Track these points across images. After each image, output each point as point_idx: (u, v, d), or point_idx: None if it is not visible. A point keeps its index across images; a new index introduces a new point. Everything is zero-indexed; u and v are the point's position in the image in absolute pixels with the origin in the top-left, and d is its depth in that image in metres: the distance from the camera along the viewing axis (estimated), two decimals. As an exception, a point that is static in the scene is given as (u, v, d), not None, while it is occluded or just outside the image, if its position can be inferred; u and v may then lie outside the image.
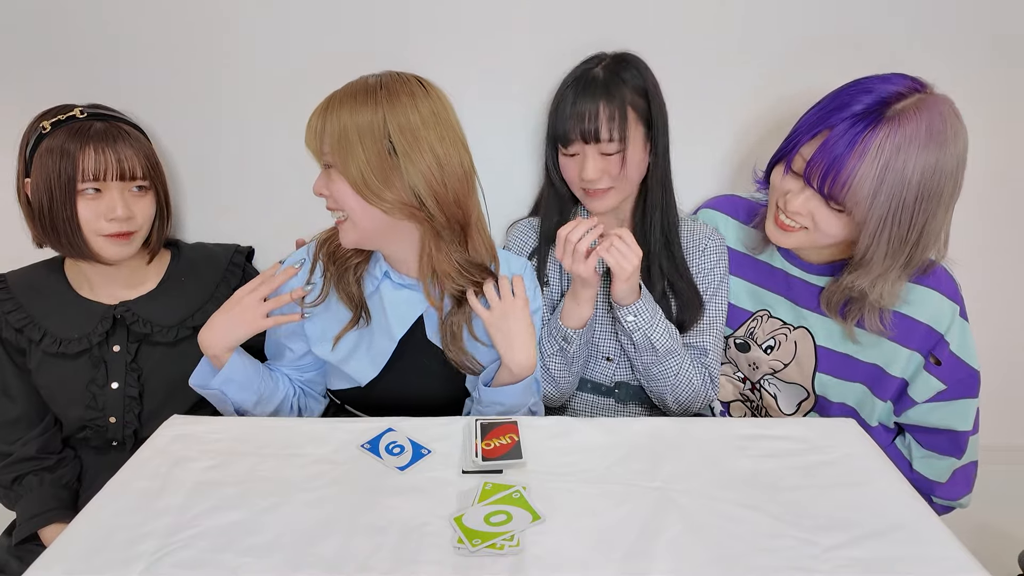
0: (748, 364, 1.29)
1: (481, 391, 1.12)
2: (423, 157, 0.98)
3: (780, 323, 1.24)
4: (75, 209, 1.13)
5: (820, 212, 1.04)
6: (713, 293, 1.25)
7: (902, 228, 0.98)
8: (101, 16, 1.29)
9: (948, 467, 1.21)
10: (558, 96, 1.19)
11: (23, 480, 1.22)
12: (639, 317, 1.16)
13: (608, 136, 1.13)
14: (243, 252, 1.39)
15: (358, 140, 0.96)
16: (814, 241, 1.09)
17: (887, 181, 0.95)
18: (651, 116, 1.16)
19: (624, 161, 1.14)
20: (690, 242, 1.26)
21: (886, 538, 0.79)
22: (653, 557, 0.76)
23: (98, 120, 1.16)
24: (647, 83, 1.16)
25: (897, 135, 0.94)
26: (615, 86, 1.13)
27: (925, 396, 1.16)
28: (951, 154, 0.96)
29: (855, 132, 0.96)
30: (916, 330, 1.13)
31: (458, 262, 1.07)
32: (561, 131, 1.17)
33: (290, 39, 1.31)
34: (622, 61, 1.17)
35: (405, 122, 0.97)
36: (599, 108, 1.12)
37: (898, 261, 1.02)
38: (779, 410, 1.28)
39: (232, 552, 0.77)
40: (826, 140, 0.98)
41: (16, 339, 1.22)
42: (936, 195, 0.97)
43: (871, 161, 0.95)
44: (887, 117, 0.95)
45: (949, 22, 1.30)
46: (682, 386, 1.21)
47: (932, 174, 0.96)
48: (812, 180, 1.01)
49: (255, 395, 1.13)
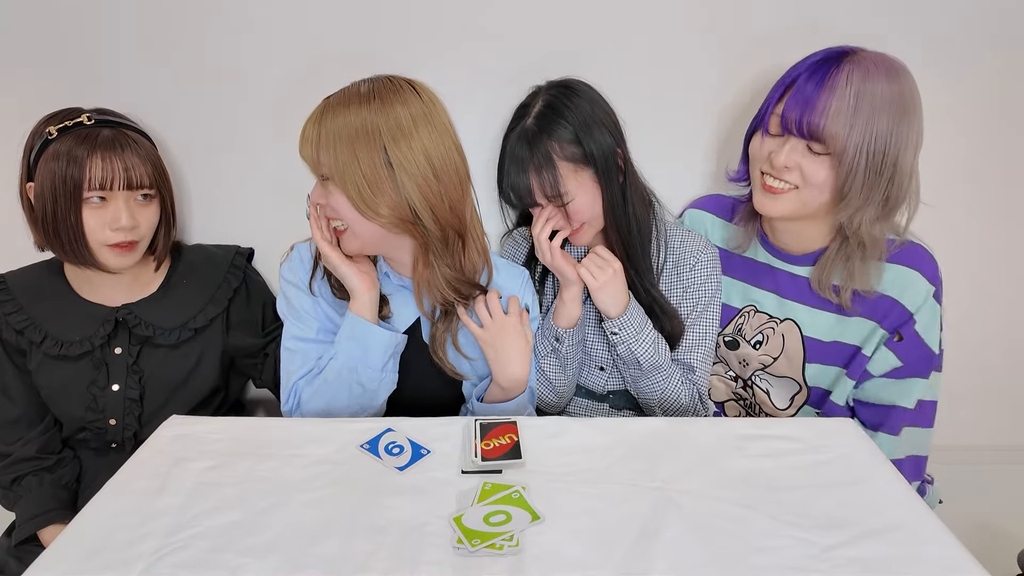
0: (738, 361, 1.29)
1: (474, 405, 1.15)
2: (416, 163, 0.98)
3: (767, 317, 1.24)
4: (80, 217, 1.13)
5: (805, 161, 1.06)
6: (703, 309, 1.24)
7: (876, 157, 1.02)
8: (103, 19, 1.29)
9: (892, 447, 1.20)
10: (500, 156, 1.18)
11: (22, 481, 1.22)
12: (623, 331, 1.17)
13: (545, 199, 1.14)
14: (244, 254, 1.39)
15: (354, 157, 0.97)
16: (804, 202, 1.09)
17: (861, 109, 1.00)
18: (589, 156, 1.12)
19: (568, 212, 1.14)
20: (681, 256, 1.25)
21: (885, 538, 0.79)
22: (652, 557, 0.76)
23: (105, 127, 1.16)
24: (578, 126, 1.11)
25: (860, 68, 1.00)
26: (541, 149, 1.10)
27: (881, 370, 1.16)
28: (910, 88, 1.03)
29: (821, 73, 1.02)
30: (893, 310, 1.14)
31: (447, 279, 1.07)
32: (506, 199, 1.21)
33: (290, 40, 1.31)
34: (549, 108, 1.12)
35: (399, 132, 0.97)
36: (530, 182, 1.13)
37: (874, 195, 1.04)
38: (773, 405, 1.28)
39: (231, 552, 0.77)
40: (795, 89, 1.04)
41: (16, 340, 1.22)
42: (905, 122, 1.02)
43: (842, 91, 1.00)
44: (847, 58, 1.02)
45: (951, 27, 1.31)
46: (669, 402, 1.21)
47: (900, 100, 1.01)
48: (790, 127, 1.04)
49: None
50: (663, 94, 1.34)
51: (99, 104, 1.22)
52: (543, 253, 1.17)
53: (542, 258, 1.17)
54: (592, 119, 1.12)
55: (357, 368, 1.08)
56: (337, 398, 1.10)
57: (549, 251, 1.16)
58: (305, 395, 1.11)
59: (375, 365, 1.09)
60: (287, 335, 1.16)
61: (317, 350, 1.14)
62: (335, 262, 1.07)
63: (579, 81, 1.17)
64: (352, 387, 1.09)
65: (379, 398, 1.12)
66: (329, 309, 1.16)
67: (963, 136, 1.39)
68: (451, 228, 1.04)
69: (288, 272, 1.17)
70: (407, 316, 1.15)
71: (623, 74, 1.30)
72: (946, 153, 1.36)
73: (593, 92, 1.16)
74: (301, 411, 1.12)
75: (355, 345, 1.08)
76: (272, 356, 1.34)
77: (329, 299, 1.16)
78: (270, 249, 1.41)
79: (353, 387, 1.09)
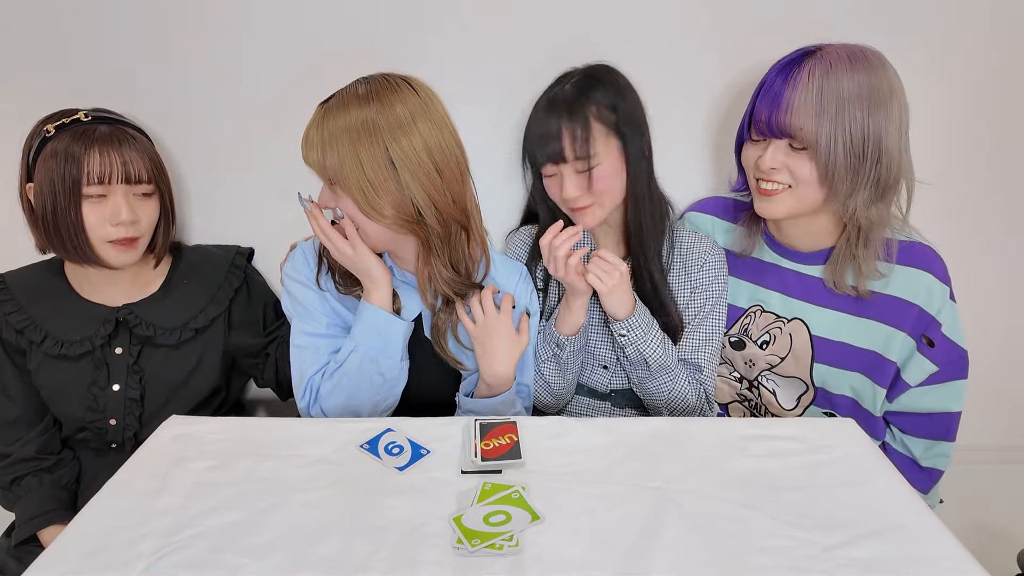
0: (744, 362, 1.29)
1: (460, 400, 1.16)
2: (419, 159, 0.99)
3: (774, 317, 1.24)
4: (80, 213, 1.13)
5: (790, 159, 1.08)
6: (711, 309, 1.25)
7: (856, 141, 1.03)
8: (103, 19, 1.29)
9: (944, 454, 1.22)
10: (529, 119, 1.19)
11: (22, 481, 1.22)
12: (632, 332, 1.17)
13: (573, 155, 1.12)
14: (244, 253, 1.39)
15: (357, 159, 0.98)
16: (800, 200, 1.11)
17: (825, 99, 1.02)
18: (619, 128, 1.14)
19: (592, 177, 1.13)
20: (689, 256, 1.25)
21: (886, 538, 0.79)
22: (652, 557, 0.76)
23: (103, 124, 1.16)
24: (616, 95, 1.14)
25: (822, 63, 1.03)
26: (578, 104, 1.12)
27: (918, 379, 1.17)
28: (882, 76, 1.04)
29: (786, 72, 1.06)
30: (909, 313, 1.14)
31: (444, 278, 1.09)
32: (530, 153, 1.19)
33: (290, 40, 1.31)
34: (590, 76, 1.16)
35: (399, 129, 0.99)
36: (561, 128, 1.12)
37: (861, 178, 1.06)
38: (779, 406, 1.28)
39: (231, 552, 0.77)
40: (763, 91, 1.07)
41: (16, 340, 1.22)
42: (881, 109, 1.03)
43: (805, 86, 1.03)
44: (810, 54, 1.06)
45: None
46: (676, 402, 1.21)
47: (869, 90, 1.02)
48: (763, 128, 1.08)
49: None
50: (662, 94, 1.33)
51: (98, 105, 1.22)
52: (557, 268, 1.13)
53: (552, 270, 1.14)
54: (628, 95, 1.16)
55: (378, 359, 1.09)
56: (359, 390, 1.10)
57: (564, 267, 1.12)
58: (324, 390, 1.12)
59: (395, 355, 1.11)
60: (296, 333, 1.16)
61: (328, 345, 1.14)
62: (360, 251, 1.07)
63: (613, 67, 1.19)
64: (373, 377, 1.10)
65: (397, 387, 1.14)
66: (337, 304, 1.17)
67: (961, 134, 1.39)
68: (454, 221, 1.06)
69: (292, 270, 1.17)
70: (411, 310, 1.17)
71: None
72: (946, 152, 1.36)
73: (628, 81, 1.18)
74: (320, 406, 1.13)
75: (376, 335, 1.09)
76: (273, 356, 1.35)
77: (335, 294, 1.16)
78: (270, 249, 1.41)
79: (374, 377, 1.10)
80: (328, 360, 1.13)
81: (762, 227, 1.25)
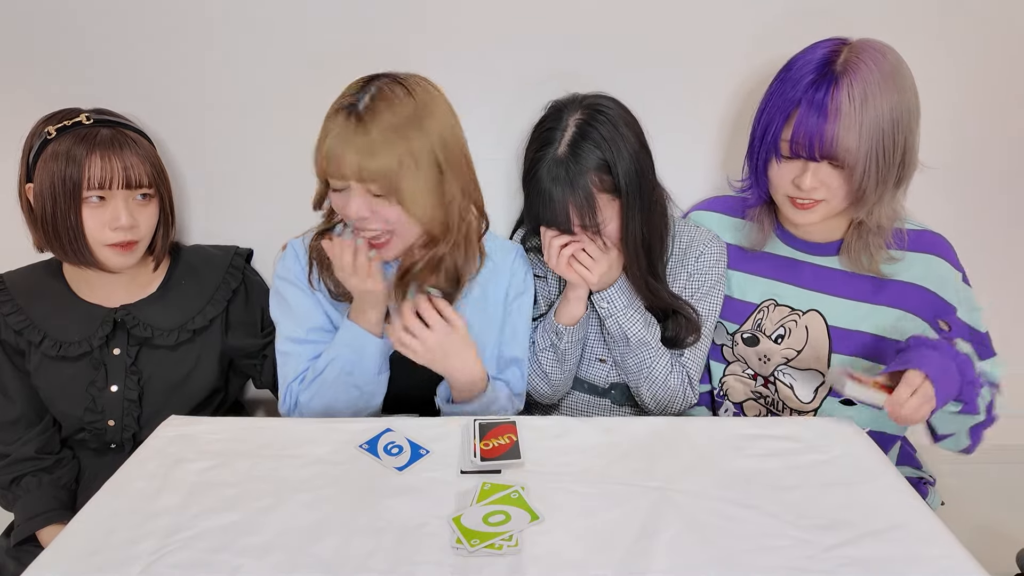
0: (759, 358, 1.28)
1: (441, 406, 1.15)
2: (458, 152, 1.03)
3: (788, 310, 1.24)
4: (80, 216, 1.12)
5: (830, 177, 1.09)
6: (703, 296, 1.25)
7: (887, 156, 1.06)
8: (103, 19, 1.29)
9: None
10: (527, 175, 1.15)
11: (21, 481, 1.22)
12: (612, 304, 1.18)
13: (582, 226, 1.12)
14: (242, 254, 1.39)
15: (416, 173, 0.96)
16: (833, 207, 1.13)
17: (866, 124, 1.03)
18: (618, 186, 1.11)
19: (603, 235, 1.13)
20: (688, 247, 1.25)
21: (884, 537, 0.79)
22: (652, 557, 0.76)
23: (104, 126, 1.15)
24: (610, 149, 1.09)
25: (856, 86, 1.03)
26: (581, 182, 1.08)
27: None
28: (905, 76, 1.07)
29: (820, 98, 1.05)
30: (924, 298, 1.15)
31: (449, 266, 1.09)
32: (537, 218, 1.16)
33: (290, 40, 1.31)
34: (582, 132, 1.09)
35: (441, 125, 1.00)
36: (569, 213, 1.10)
37: (889, 184, 1.09)
38: (797, 400, 1.27)
39: (230, 552, 0.77)
40: (799, 117, 1.07)
41: (15, 341, 1.22)
42: (907, 117, 1.06)
43: (847, 115, 1.03)
44: (838, 73, 1.04)
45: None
46: (658, 383, 1.22)
47: (899, 103, 1.05)
48: (802, 153, 1.08)
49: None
50: (663, 94, 1.34)
51: (98, 105, 1.22)
52: (556, 262, 1.14)
53: (550, 263, 1.15)
54: (623, 143, 1.10)
55: (354, 372, 1.09)
56: (338, 400, 1.11)
57: (557, 256, 1.13)
58: (303, 398, 1.12)
59: (371, 368, 1.10)
60: (280, 337, 1.16)
61: (308, 351, 1.14)
62: (380, 283, 1.04)
63: (606, 100, 1.14)
64: (350, 390, 1.10)
65: (375, 399, 1.14)
66: (328, 306, 1.16)
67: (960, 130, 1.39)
68: (477, 207, 1.09)
69: (283, 269, 1.16)
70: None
71: (624, 73, 1.29)
72: (945, 153, 1.36)
73: (621, 110, 1.13)
74: (300, 413, 1.13)
75: (351, 352, 1.08)
76: (271, 357, 1.34)
77: (328, 296, 1.16)
78: (269, 249, 1.41)
79: (350, 390, 1.10)
80: (307, 366, 1.13)
81: (775, 221, 1.25)
